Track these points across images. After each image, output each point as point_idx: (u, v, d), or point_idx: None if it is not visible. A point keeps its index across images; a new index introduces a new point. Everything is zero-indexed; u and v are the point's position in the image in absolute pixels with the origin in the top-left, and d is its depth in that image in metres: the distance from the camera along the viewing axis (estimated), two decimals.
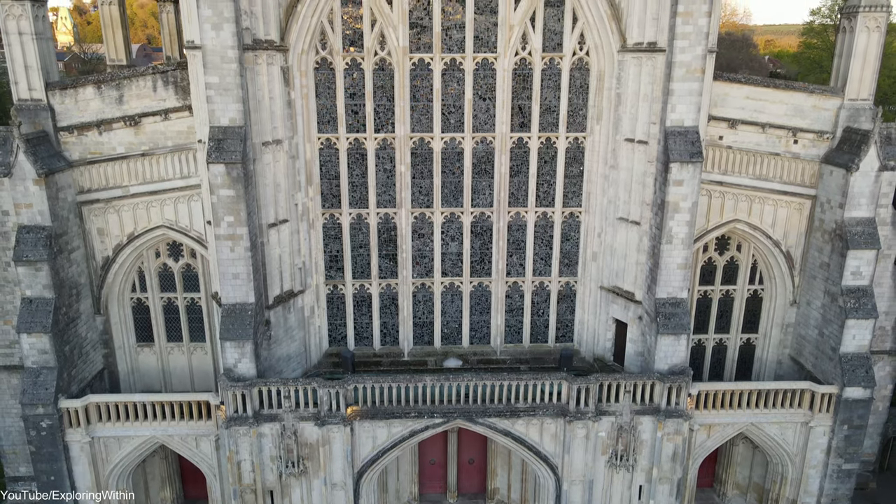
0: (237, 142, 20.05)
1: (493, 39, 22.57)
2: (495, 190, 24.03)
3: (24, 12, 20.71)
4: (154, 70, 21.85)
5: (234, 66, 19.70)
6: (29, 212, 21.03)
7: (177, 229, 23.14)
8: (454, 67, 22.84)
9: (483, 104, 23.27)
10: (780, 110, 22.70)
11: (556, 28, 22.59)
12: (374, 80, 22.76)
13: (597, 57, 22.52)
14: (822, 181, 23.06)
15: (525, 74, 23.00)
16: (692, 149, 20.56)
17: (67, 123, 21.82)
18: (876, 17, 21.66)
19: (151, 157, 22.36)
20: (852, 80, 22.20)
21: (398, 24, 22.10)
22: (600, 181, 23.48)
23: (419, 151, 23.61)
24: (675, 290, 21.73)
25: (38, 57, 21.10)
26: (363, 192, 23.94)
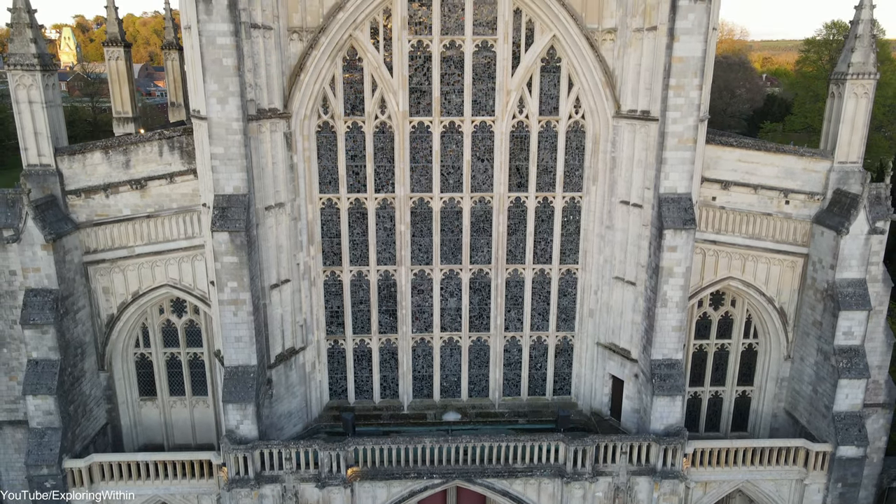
0: (241, 209, 20.54)
1: (491, 103, 23.16)
2: (493, 247, 24.50)
3: (34, 82, 21.32)
4: (160, 136, 22.39)
5: (238, 137, 20.25)
6: (36, 275, 21.46)
7: (180, 288, 23.56)
8: (453, 130, 23.41)
9: (481, 165, 23.82)
10: (771, 172, 23.22)
11: (552, 93, 23.19)
12: (374, 143, 23.32)
13: (592, 121, 23.09)
14: (814, 241, 23.51)
15: (522, 136, 23.56)
16: (685, 216, 21.04)
17: (75, 187, 22.32)
18: (863, 83, 22.25)
19: (157, 218, 22.85)
20: (841, 143, 22.74)
21: (398, 90, 22.70)
22: (596, 240, 23.94)
23: (419, 210, 24.10)
24: (670, 352, 22.10)
25: (47, 124, 21.64)
26: (364, 249, 24.40)
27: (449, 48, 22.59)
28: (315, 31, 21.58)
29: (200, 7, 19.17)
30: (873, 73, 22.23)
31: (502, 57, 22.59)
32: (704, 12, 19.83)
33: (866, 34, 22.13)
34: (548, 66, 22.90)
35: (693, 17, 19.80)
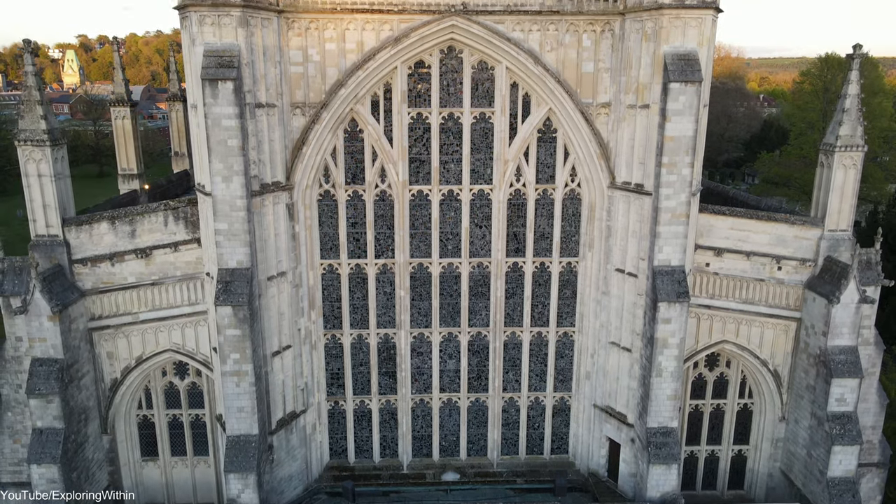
0: (244, 283, 20.98)
1: (489, 172, 23.71)
2: (492, 311, 24.92)
3: (44, 156, 21.87)
4: (166, 206, 22.88)
5: (242, 213, 20.74)
6: (42, 345, 21.84)
7: (183, 353, 23.94)
8: (452, 198, 23.94)
9: (479, 231, 24.31)
10: (763, 239, 23.71)
11: (548, 162, 23.76)
12: (374, 211, 23.83)
13: (588, 189, 23.63)
14: (806, 306, 23.93)
15: (520, 204, 24.08)
16: (679, 288, 21.49)
17: (82, 256, 22.78)
18: (851, 155, 22.80)
19: (161, 285, 23.28)
20: (831, 212, 23.24)
21: (398, 161, 23.26)
22: (593, 305, 24.37)
23: (418, 275, 24.56)
24: (665, 420, 22.43)
25: (55, 196, 22.15)
26: (364, 313, 24.81)
27: (448, 120, 23.19)
28: (317, 107, 22.20)
29: (207, 91, 19.76)
30: (861, 146, 22.79)
31: (500, 129, 23.18)
32: (695, 94, 20.43)
33: (853, 108, 22.75)
34: (544, 136, 23.49)
35: (684, 98, 20.39)
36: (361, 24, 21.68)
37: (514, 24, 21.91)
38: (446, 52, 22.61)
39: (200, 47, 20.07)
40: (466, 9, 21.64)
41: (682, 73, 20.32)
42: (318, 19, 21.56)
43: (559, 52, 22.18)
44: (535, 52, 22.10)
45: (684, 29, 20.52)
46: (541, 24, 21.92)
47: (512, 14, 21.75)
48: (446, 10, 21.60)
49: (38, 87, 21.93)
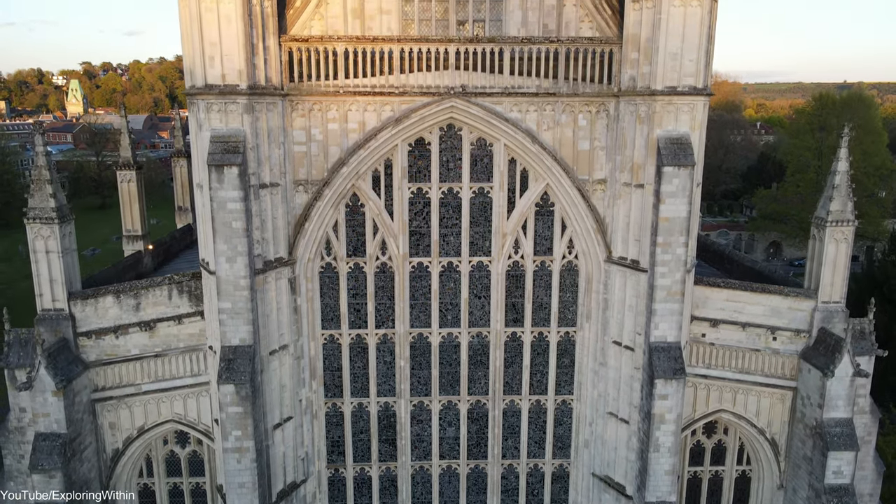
0: (246, 361, 21.29)
1: (488, 245, 24.16)
2: (491, 380, 25.18)
3: (52, 233, 22.29)
4: (170, 280, 23.27)
5: (245, 293, 21.14)
6: (46, 420, 22.05)
7: (185, 423, 24.15)
8: (451, 269, 24.35)
9: (479, 302, 24.68)
10: (758, 311, 24.08)
11: (546, 234, 24.22)
12: (375, 282, 24.23)
13: (585, 262, 24.06)
14: (802, 376, 24.21)
15: (518, 275, 24.49)
16: (675, 365, 21.80)
17: (87, 329, 23.10)
18: (843, 230, 23.29)
19: (164, 357, 23.57)
20: (824, 284, 23.66)
21: (399, 234, 23.73)
22: (590, 374, 24.65)
23: (418, 345, 24.87)
24: (664, 494, 22.57)
25: (62, 271, 22.52)
26: (364, 382, 25.07)
27: (447, 194, 23.71)
28: (319, 184, 22.72)
29: (213, 176, 20.29)
30: (851, 221, 23.28)
31: (498, 203, 23.69)
32: (688, 177, 20.97)
33: (843, 184, 23.29)
34: (542, 210, 23.98)
35: (677, 181, 20.92)
36: (363, 105, 22.31)
37: (511, 105, 22.54)
38: (446, 129, 23.21)
39: (207, 132, 20.66)
40: (465, 91, 22.28)
41: (676, 157, 20.87)
42: (321, 101, 22.19)
43: (556, 131, 22.79)
44: (532, 132, 22.70)
45: (676, 114, 21.14)
46: (538, 104, 22.56)
47: (510, 96, 22.39)
48: (446, 93, 22.24)
49: (48, 165, 22.44)
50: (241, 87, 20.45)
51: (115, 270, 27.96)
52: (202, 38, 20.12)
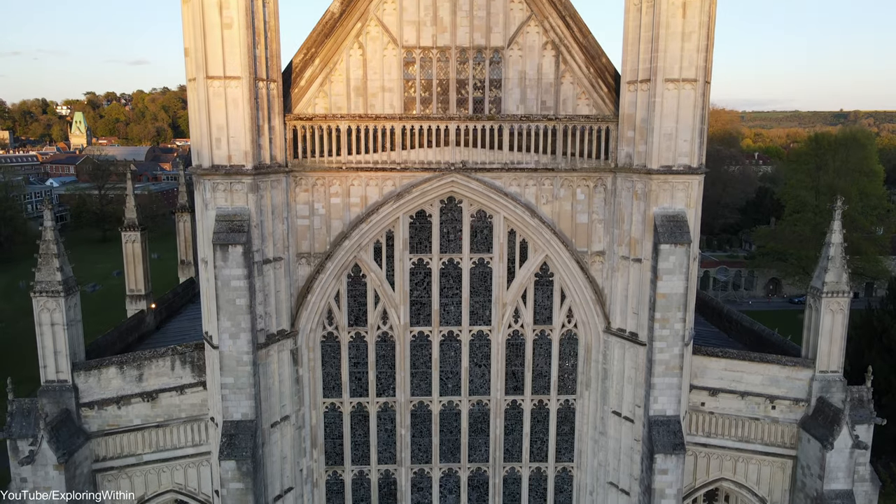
0: (248, 436, 21.39)
1: (488, 314, 24.43)
2: (491, 448, 25.23)
3: (58, 306, 22.57)
4: (173, 351, 23.48)
5: (248, 368, 21.35)
6: (47, 493, 22.07)
7: (185, 493, 24.13)
8: (452, 339, 24.58)
9: (479, 370, 24.87)
10: (756, 380, 24.24)
11: (545, 304, 24.51)
12: (376, 351, 24.44)
13: (584, 331, 24.30)
14: (801, 446, 24.26)
15: (518, 344, 24.71)
16: (675, 440, 21.90)
17: (89, 400, 23.22)
18: (838, 301, 23.57)
19: (166, 427, 23.66)
20: (821, 354, 23.85)
21: (400, 305, 24.01)
22: (591, 443, 24.71)
23: (419, 413, 24.98)
24: None
25: (67, 343, 22.75)
26: (365, 450, 25.12)
27: (448, 265, 24.06)
28: (322, 257, 23.09)
29: (218, 254, 20.66)
30: (846, 292, 23.57)
31: (498, 274, 24.03)
32: (684, 254, 21.34)
33: (838, 256, 23.63)
34: (541, 280, 24.31)
35: (674, 258, 21.28)
36: (365, 180, 22.80)
37: (511, 180, 23.03)
38: (446, 201, 23.65)
39: (213, 211, 21.08)
40: (466, 167, 22.79)
41: (672, 234, 21.26)
42: (324, 177, 22.69)
43: (554, 204, 23.24)
44: (531, 206, 23.15)
45: (672, 192, 21.60)
46: (536, 179, 23.05)
47: (509, 171, 22.89)
48: (446, 168, 22.75)
49: (55, 240, 22.78)
50: (246, 167, 20.94)
51: (117, 333, 28.21)
52: (210, 121, 20.66)
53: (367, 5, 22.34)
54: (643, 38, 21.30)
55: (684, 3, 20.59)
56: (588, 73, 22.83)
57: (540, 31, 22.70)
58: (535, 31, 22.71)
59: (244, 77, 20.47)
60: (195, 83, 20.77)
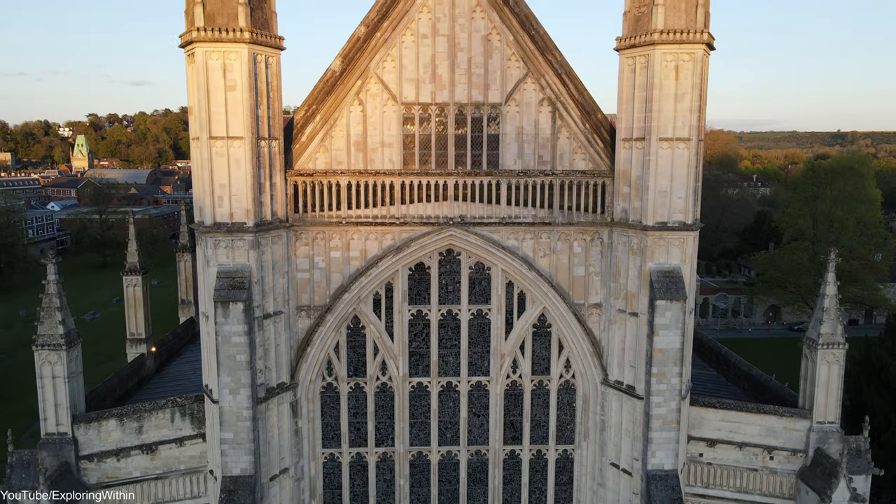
0: (247, 492, 21.43)
1: (486, 365, 24.60)
2: (490, 498, 25.23)
3: (59, 359, 22.71)
4: (173, 403, 23.59)
5: (247, 423, 21.46)
6: None
7: None
8: (450, 389, 24.72)
9: (477, 420, 24.96)
10: (754, 430, 24.32)
11: (543, 354, 24.68)
12: (375, 402, 24.56)
13: (582, 382, 24.45)
14: (800, 496, 24.25)
15: (516, 394, 24.84)
16: (673, 495, 21.95)
17: (89, 452, 23.27)
18: (834, 352, 23.73)
19: (164, 479, 23.67)
20: (818, 405, 23.97)
21: (399, 356, 24.19)
22: (590, 494, 24.72)
23: (417, 463, 25.02)
24: None
25: (67, 396, 22.84)
26: (364, 500, 25.10)
27: (446, 316, 24.28)
28: (322, 310, 23.33)
29: (219, 311, 20.90)
30: (842, 343, 23.75)
31: (496, 325, 24.24)
32: (680, 310, 21.58)
33: (832, 308, 23.84)
34: (539, 331, 24.51)
35: (670, 314, 21.52)
36: (365, 234, 23.13)
37: (508, 234, 23.36)
38: (445, 254, 23.95)
39: (214, 268, 21.36)
40: (464, 221, 23.13)
41: (668, 290, 21.53)
42: (324, 231, 23.02)
43: (552, 258, 23.54)
44: (528, 259, 23.45)
45: (668, 248, 21.91)
46: (534, 233, 23.38)
47: (507, 225, 23.23)
48: (445, 223, 23.09)
49: (58, 293, 23.01)
50: (248, 224, 21.27)
51: (117, 379, 28.32)
52: (212, 179, 21.03)
53: (367, 64, 22.86)
54: (637, 98, 21.77)
55: (677, 66, 21.09)
56: (584, 128, 23.28)
57: (536, 88, 23.20)
58: (532, 88, 23.21)
59: (246, 137, 20.89)
60: (198, 142, 21.18)
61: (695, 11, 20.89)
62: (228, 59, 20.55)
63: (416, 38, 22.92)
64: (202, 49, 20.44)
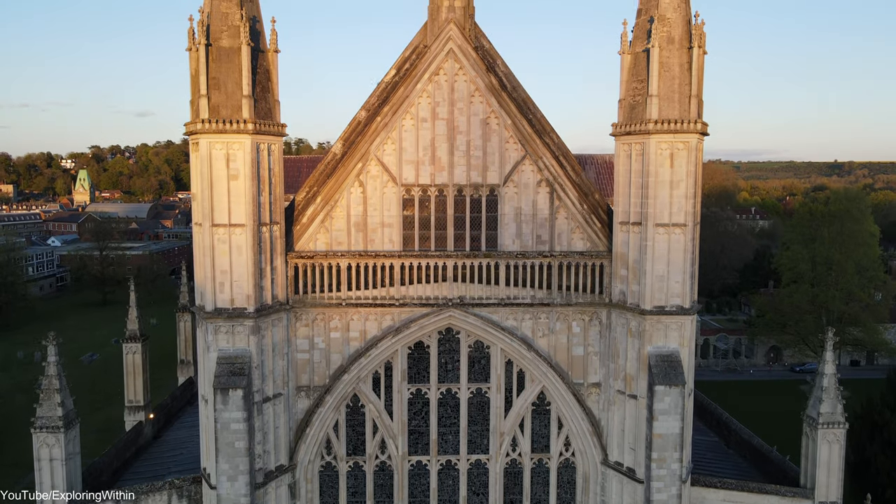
0: None
1: (486, 443, 24.50)
2: None
3: (57, 442, 22.63)
4: (171, 485, 23.44)
5: None
6: None
7: None
8: (449, 468, 24.58)
9: (477, 499, 24.76)
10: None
11: (543, 433, 24.60)
12: (374, 480, 24.40)
13: (582, 461, 24.33)
14: None
15: (516, 472, 24.69)
16: None
17: None
18: (834, 432, 23.66)
19: None
20: (819, 485, 23.82)
21: (398, 434, 24.11)
22: None
23: None
24: None
25: (64, 478, 22.68)
26: None
27: (446, 395, 24.27)
28: (321, 390, 23.34)
29: (218, 397, 20.92)
30: (842, 423, 23.71)
31: (496, 404, 24.22)
32: (679, 395, 21.61)
33: (832, 387, 23.86)
34: (538, 409, 24.48)
35: (669, 399, 21.54)
36: (365, 315, 23.26)
37: (507, 314, 23.49)
38: (444, 333, 24.04)
39: (214, 353, 21.44)
40: (463, 302, 23.29)
41: (667, 376, 21.58)
42: (324, 312, 23.15)
43: (550, 338, 23.63)
44: (527, 339, 23.54)
45: (666, 331, 22.03)
46: (533, 313, 23.52)
47: (506, 306, 23.38)
48: (444, 304, 23.24)
49: (57, 374, 23.03)
50: (248, 310, 21.41)
51: (115, 451, 28.11)
52: (214, 266, 21.25)
53: (368, 147, 23.29)
54: (634, 184, 22.12)
55: (672, 154, 21.49)
56: (581, 209, 23.60)
57: (534, 169, 23.58)
58: (530, 170, 23.60)
59: (248, 225, 21.17)
60: (201, 228, 21.44)
61: (688, 102, 21.37)
62: (232, 149, 20.95)
63: (415, 121, 23.39)
64: (206, 140, 20.85)
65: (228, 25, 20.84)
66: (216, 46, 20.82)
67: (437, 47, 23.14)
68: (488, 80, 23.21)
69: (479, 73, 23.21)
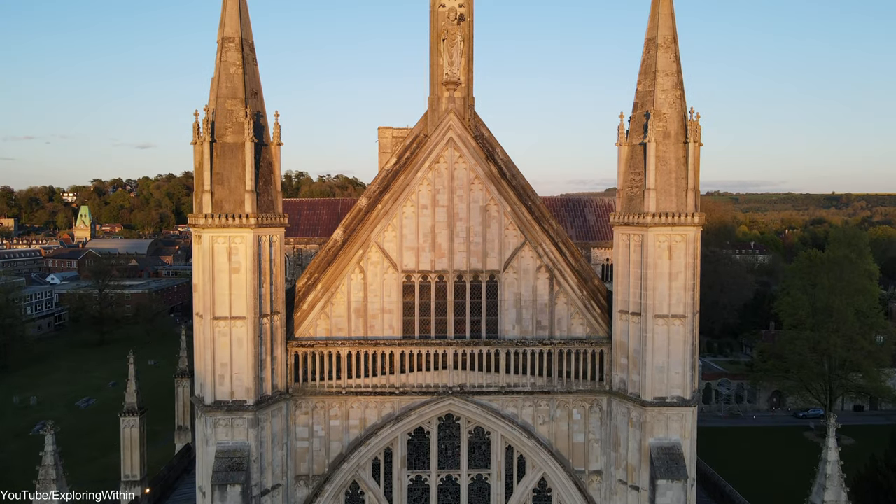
0: None
1: None
2: None
3: None
4: None
5: None
6: None
7: None
8: None
9: None
10: None
11: None
12: None
13: None
14: None
15: None
16: None
17: None
18: None
19: None
20: None
21: None
22: None
23: None
24: None
25: None
26: None
27: (446, 481, 24.03)
28: (321, 479, 23.11)
29: (216, 493, 20.69)
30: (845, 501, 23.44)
31: (496, 491, 23.97)
32: (681, 489, 21.40)
33: (835, 474, 23.50)
34: (539, 496, 24.19)
35: (671, 494, 21.34)
36: (365, 403, 23.17)
37: (507, 402, 23.41)
38: (444, 418, 23.91)
39: (213, 447, 21.29)
40: (463, 390, 23.23)
41: (669, 470, 21.41)
42: (324, 400, 23.07)
43: (551, 425, 23.51)
44: (528, 427, 23.41)
45: (667, 423, 21.93)
46: (533, 401, 23.43)
47: (506, 394, 23.31)
48: (444, 392, 23.18)
49: (54, 464, 22.80)
50: (248, 403, 21.34)
51: None
52: (214, 358, 21.24)
53: (368, 234, 23.51)
54: (633, 274, 22.27)
55: (670, 246, 21.69)
56: (581, 294, 23.70)
57: (534, 255, 23.76)
58: (530, 256, 23.78)
59: (249, 318, 21.23)
60: (202, 321, 21.50)
61: (685, 196, 21.66)
62: (234, 242, 21.14)
63: (416, 208, 23.66)
64: (209, 234, 21.06)
65: (233, 122, 21.24)
66: (220, 142, 21.18)
67: (437, 136, 23.54)
68: (488, 167, 23.56)
69: (479, 161, 23.57)
